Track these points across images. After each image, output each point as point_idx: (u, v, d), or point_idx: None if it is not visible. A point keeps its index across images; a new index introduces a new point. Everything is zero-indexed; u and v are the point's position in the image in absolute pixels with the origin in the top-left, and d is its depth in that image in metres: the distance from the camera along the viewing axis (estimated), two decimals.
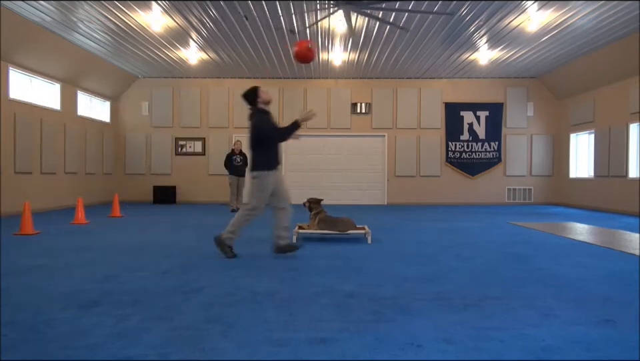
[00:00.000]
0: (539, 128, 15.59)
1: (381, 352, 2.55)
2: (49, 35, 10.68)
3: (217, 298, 3.64)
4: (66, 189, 12.68)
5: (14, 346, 2.62)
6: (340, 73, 14.80)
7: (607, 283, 4.22)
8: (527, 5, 9.00)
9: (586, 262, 5.26)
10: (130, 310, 3.28)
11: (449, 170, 15.59)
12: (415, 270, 4.78)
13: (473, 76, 15.15)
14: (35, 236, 7.11)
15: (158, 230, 8.07)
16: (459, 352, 2.56)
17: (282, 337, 2.76)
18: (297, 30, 10.32)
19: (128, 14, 9.57)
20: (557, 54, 12.45)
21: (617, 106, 12.37)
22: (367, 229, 6.75)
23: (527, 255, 5.68)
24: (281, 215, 5.41)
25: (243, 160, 12.24)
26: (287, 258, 5.37)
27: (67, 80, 12.64)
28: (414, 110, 15.54)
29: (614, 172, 12.43)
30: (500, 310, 3.33)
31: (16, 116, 10.58)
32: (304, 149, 15.64)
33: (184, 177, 15.57)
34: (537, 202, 15.57)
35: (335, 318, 3.13)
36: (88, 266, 4.90)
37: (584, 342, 2.72)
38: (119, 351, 2.54)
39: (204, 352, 2.54)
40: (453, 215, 11.36)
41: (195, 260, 5.23)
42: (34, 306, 3.40)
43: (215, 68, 14.28)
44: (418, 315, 3.21)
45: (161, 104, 15.59)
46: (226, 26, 10.29)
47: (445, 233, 7.85)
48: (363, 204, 15.26)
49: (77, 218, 9.08)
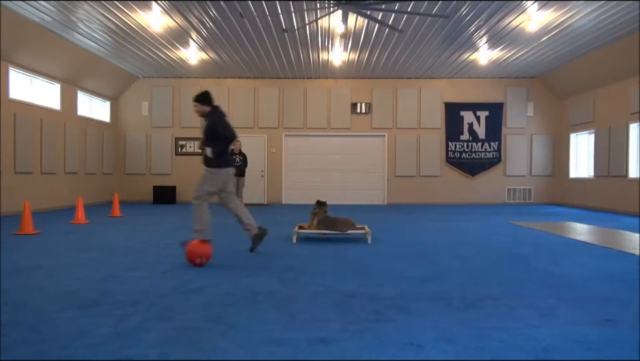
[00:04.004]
0: (539, 128, 15.59)
1: (380, 352, 2.55)
2: (49, 35, 10.68)
3: (217, 298, 3.64)
4: (66, 189, 12.68)
5: (14, 346, 2.61)
6: (340, 73, 14.79)
7: (607, 283, 4.21)
8: (526, 5, 9.00)
9: (586, 262, 5.26)
10: (130, 310, 3.28)
11: (449, 170, 15.59)
12: (415, 270, 4.77)
13: (473, 76, 15.16)
14: (35, 236, 7.11)
15: (158, 230, 8.07)
16: (459, 352, 2.56)
17: (282, 337, 2.76)
18: (287, 29, 10.26)
19: (128, 14, 9.57)
20: (557, 54, 12.45)
21: (617, 106, 12.37)
22: (367, 229, 6.75)
23: (527, 255, 5.68)
24: (236, 210, 5.57)
25: (242, 160, 12.25)
26: (287, 258, 5.37)
27: (67, 80, 12.64)
28: (414, 110, 15.54)
29: (614, 172, 12.43)
30: (500, 310, 3.33)
31: (16, 116, 10.58)
32: (304, 149, 15.65)
33: (184, 177, 15.57)
34: (537, 202, 15.57)
35: (335, 318, 3.13)
36: (88, 266, 4.90)
37: (584, 342, 2.72)
38: (118, 351, 2.54)
39: (204, 352, 2.53)
40: (452, 215, 11.36)
41: None
42: (34, 306, 3.40)
43: (215, 68, 14.28)
44: (418, 315, 3.21)
45: (161, 104, 15.59)
46: (226, 26, 10.30)
47: (445, 233, 7.85)
48: (363, 204, 15.26)
49: (76, 218, 9.08)
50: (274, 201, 15.55)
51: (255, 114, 15.59)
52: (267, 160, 15.56)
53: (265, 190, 15.54)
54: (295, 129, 15.59)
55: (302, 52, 12.49)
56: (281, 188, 15.60)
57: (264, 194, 15.53)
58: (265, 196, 15.52)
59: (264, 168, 15.51)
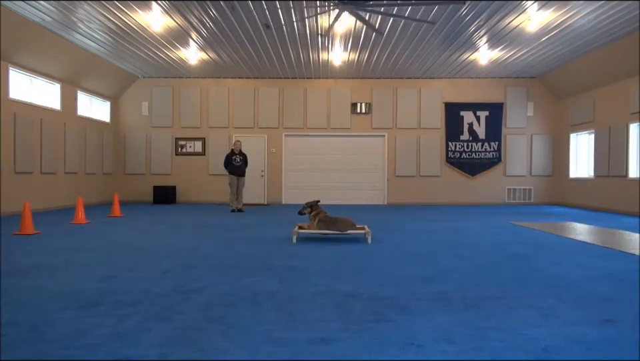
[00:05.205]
0: (539, 128, 15.59)
1: (381, 352, 2.55)
2: (49, 35, 10.68)
3: (217, 298, 3.64)
4: (66, 189, 12.68)
5: (14, 346, 2.62)
6: (340, 73, 14.79)
7: (607, 283, 4.21)
8: (526, 5, 9.00)
9: (586, 262, 5.26)
10: (130, 310, 3.28)
11: (449, 170, 15.59)
12: (415, 270, 4.77)
13: (473, 76, 15.15)
14: (34, 236, 7.11)
15: (158, 230, 8.07)
16: (459, 352, 2.56)
17: (282, 337, 2.76)
18: (271, 25, 10.18)
19: (128, 14, 9.57)
20: (557, 54, 12.45)
21: (617, 106, 12.37)
22: (367, 229, 6.75)
23: (527, 255, 5.68)
24: None
25: (242, 160, 12.24)
26: (287, 258, 5.37)
27: (67, 80, 12.64)
28: (414, 110, 15.54)
29: (614, 172, 12.43)
30: (500, 310, 3.33)
31: (16, 116, 10.58)
32: (304, 149, 15.65)
33: (184, 177, 15.57)
34: (537, 202, 15.57)
35: (335, 318, 3.13)
36: (88, 266, 4.89)
37: (584, 342, 2.72)
38: (118, 351, 2.54)
39: (204, 352, 2.53)
40: (452, 215, 11.36)
41: (195, 260, 5.23)
42: (34, 306, 3.40)
43: (215, 68, 14.28)
44: (418, 315, 3.21)
45: (161, 104, 15.59)
46: (226, 26, 10.30)
47: (445, 233, 7.85)
48: (363, 204, 15.26)
49: (77, 218, 9.08)
50: (274, 201, 15.55)
51: (255, 114, 15.58)
52: (267, 160, 15.56)
53: (265, 190, 15.53)
54: (295, 129, 15.58)
55: (302, 52, 12.48)
56: (281, 188, 15.60)
57: (264, 194, 15.53)
58: (265, 196, 15.52)
59: (264, 168, 15.51)
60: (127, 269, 4.73)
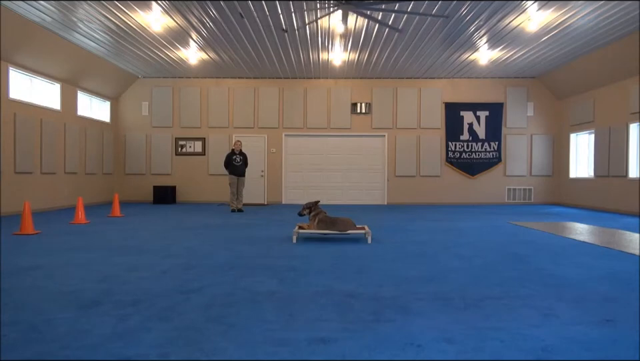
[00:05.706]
0: (539, 128, 15.59)
1: (381, 352, 2.55)
2: (49, 35, 10.68)
3: (217, 298, 3.64)
4: (66, 189, 12.67)
5: (14, 346, 2.62)
6: (340, 73, 14.79)
7: (607, 283, 4.21)
8: (526, 5, 9.00)
9: (586, 262, 5.26)
10: (130, 310, 3.28)
11: (449, 170, 15.59)
12: (415, 270, 4.77)
13: (473, 76, 15.15)
14: (35, 236, 7.11)
15: (158, 230, 8.06)
16: (459, 352, 2.56)
17: (282, 337, 2.76)
18: (287, 29, 10.26)
19: (128, 14, 9.57)
20: (557, 54, 12.45)
21: (616, 106, 12.37)
22: (367, 229, 6.75)
23: (527, 255, 5.68)
24: None
25: (242, 160, 12.24)
26: (287, 258, 5.37)
27: (67, 80, 12.64)
28: (414, 110, 15.54)
29: (614, 172, 12.43)
30: (500, 310, 3.33)
31: (16, 116, 10.58)
32: (304, 149, 15.65)
33: (184, 177, 15.57)
34: (537, 202, 15.57)
35: (335, 318, 3.13)
36: (88, 266, 4.89)
37: (584, 342, 2.72)
38: (119, 351, 2.54)
39: (204, 352, 2.53)
40: (453, 215, 11.36)
41: (195, 260, 5.23)
42: (34, 306, 3.40)
43: (215, 68, 14.28)
44: (418, 315, 3.21)
45: (161, 104, 15.59)
46: (226, 26, 10.30)
47: (445, 233, 7.85)
48: (363, 204, 15.26)
49: (77, 218, 9.08)
50: (274, 201, 15.55)
51: (255, 114, 15.58)
52: (267, 160, 15.56)
53: (265, 190, 15.53)
54: (295, 129, 15.58)
55: (302, 52, 12.48)
56: (281, 188, 15.60)
57: (264, 194, 15.52)
58: (265, 196, 15.51)
59: (264, 168, 15.51)
60: (126, 269, 4.73)
